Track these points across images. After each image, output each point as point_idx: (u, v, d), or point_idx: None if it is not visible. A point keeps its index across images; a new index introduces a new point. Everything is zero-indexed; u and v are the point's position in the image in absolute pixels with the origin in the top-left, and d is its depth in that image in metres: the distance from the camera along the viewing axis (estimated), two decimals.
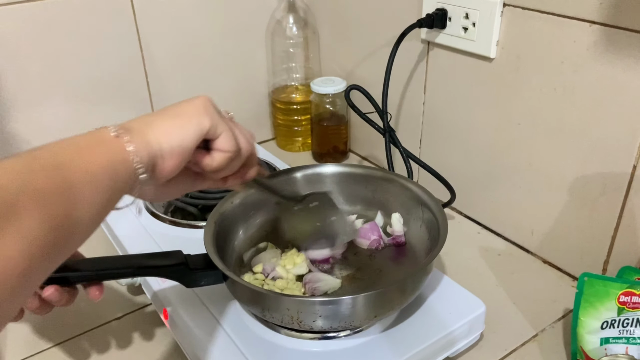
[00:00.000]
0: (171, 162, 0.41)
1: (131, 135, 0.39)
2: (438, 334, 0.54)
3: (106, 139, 0.38)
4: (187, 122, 0.42)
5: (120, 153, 0.38)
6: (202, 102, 0.43)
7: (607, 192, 0.63)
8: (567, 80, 0.63)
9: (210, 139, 0.44)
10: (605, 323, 0.54)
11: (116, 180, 0.37)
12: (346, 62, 0.97)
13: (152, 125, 0.41)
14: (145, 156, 0.39)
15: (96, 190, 0.35)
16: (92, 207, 0.35)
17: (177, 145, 0.41)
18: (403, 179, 0.65)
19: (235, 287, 0.53)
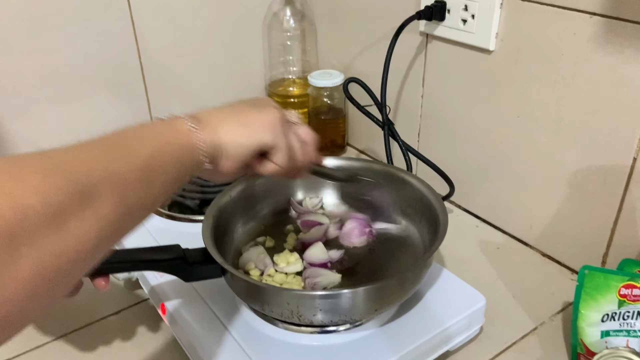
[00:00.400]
0: (229, 164, 0.45)
1: (203, 131, 0.42)
2: (438, 328, 0.54)
3: (181, 132, 0.41)
4: (251, 134, 0.45)
5: (191, 146, 0.41)
6: (270, 120, 0.47)
7: (607, 185, 0.63)
8: (566, 72, 0.63)
9: (267, 151, 0.47)
10: (605, 316, 0.53)
11: (183, 171, 0.40)
12: (344, 55, 0.96)
13: (222, 125, 0.44)
14: (211, 152, 0.43)
15: (166, 179, 0.38)
16: (158, 194, 0.38)
17: (238, 152, 0.45)
18: (402, 172, 0.64)
19: (234, 281, 0.52)
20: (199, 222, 0.69)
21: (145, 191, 0.35)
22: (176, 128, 0.41)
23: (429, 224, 0.60)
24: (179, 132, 0.41)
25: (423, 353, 0.54)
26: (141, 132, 0.39)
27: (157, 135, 0.39)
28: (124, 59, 0.88)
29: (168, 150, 0.39)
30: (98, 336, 0.62)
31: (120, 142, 0.36)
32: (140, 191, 0.35)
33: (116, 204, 0.32)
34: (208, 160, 0.43)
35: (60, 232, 0.27)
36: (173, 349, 0.60)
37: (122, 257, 0.50)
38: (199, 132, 0.42)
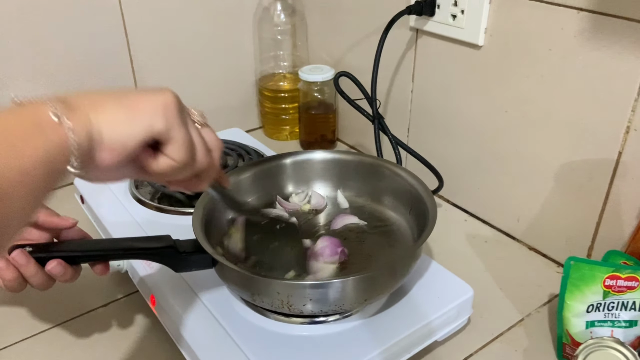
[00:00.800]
0: (109, 156, 0.36)
1: (73, 118, 0.33)
2: (426, 318, 0.55)
3: (44, 123, 0.32)
4: (137, 117, 0.36)
5: (58, 140, 0.33)
6: (163, 100, 0.38)
7: (593, 178, 0.64)
8: (554, 67, 0.64)
9: (160, 141, 0.38)
10: (590, 306, 0.54)
11: (51, 174, 0.33)
12: (334, 50, 0.97)
13: (98, 108, 0.35)
14: (84, 143, 0.34)
15: (29, 191, 0.31)
16: (23, 210, 0.31)
17: (118, 141, 0.36)
18: (392, 165, 0.65)
19: (224, 271, 0.52)
20: (188, 215, 0.69)
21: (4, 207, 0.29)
22: (38, 117, 0.32)
23: (418, 217, 0.61)
24: (42, 123, 0.32)
25: (411, 343, 0.54)
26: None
27: (14, 138, 0.31)
28: (114, 55, 0.87)
29: (30, 154, 0.31)
30: (86, 328, 0.62)
31: None
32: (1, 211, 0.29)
33: None
34: (80, 158, 0.34)
35: None
36: (162, 341, 0.59)
37: (113, 245, 0.50)
38: (65, 120, 0.33)
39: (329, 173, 0.68)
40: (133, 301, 0.66)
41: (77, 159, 0.34)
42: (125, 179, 0.43)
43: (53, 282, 0.50)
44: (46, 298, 0.65)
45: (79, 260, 0.49)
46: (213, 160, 0.43)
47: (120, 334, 0.61)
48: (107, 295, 0.67)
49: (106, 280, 0.69)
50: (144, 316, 0.64)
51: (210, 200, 0.60)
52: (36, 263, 0.47)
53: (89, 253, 0.50)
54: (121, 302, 0.66)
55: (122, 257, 0.51)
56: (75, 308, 0.65)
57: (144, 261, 0.61)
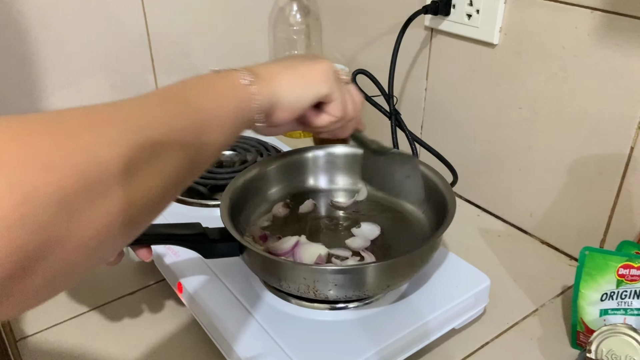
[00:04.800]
0: (285, 115, 0.45)
1: (259, 84, 0.42)
2: (444, 306, 0.57)
3: (237, 86, 0.41)
4: (308, 85, 0.46)
5: (247, 100, 0.41)
6: (325, 70, 0.47)
7: (605, 173, 0.66)
8: (567, 65, 0.66)
9: (323, 102, 0.48)
10: (604, 295, 0.56)
11: (238, 124, 0.41)
12: (348, 49, 0.99)
13: (278, 78, 0.44)
14: (266, 104, 0.43)
15: (222, 133, 0.39)
16: (215, 147, 0.38)
17: (294, 102, 0.45)
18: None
19: (251, 257, 0.54)
20: (211, 207, 0.71)
21: (202, 146, 0.36)
22: (232, 82, 0.41)
23: (436, 209, 0.62)
24: (236, 86, 0.41)
25: (430, 330, 0.56)
26: (198, 86, 0.39)
27: (214, 90, 0.40)
28: (135, 50, 0.90)
29: (225, 105, 0.39)
30: (116, 314, 0.64)
31: (179, 97, 0.37)
32: (199, 146, 0.36)
33: (178, 160, 0.33)
34: (263, 115, 0.43)
35: (130, 186, 0.29)
36: (190, 327, 0.61)
37: (149, 230, 0.52)
38: (255, 86, 0.42)
39: (348, 167, 0.70)
40: (160, 289, 0.68)
41: (262, 115, 0.43)
42: (285, 132, 0.52)
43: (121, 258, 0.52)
44: (76, 285, 0.67)
45: None
46: (357, 111, 0.53)
47: (149, 320, 0.63)
48: (134, 283, 0.69)
49: (133, 268, 0.71)
50: (170, 303, 0.66)
51: (235, 192, 0.62)
52: None
53: None
54: (149, 289, 0.68)
55: (157, 242, 0.53)
56: (104, 295, 0.67)
57: (172, 250, 0.63)
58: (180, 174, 0.34)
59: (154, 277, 0.69)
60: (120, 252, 0.52)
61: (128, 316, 0.64)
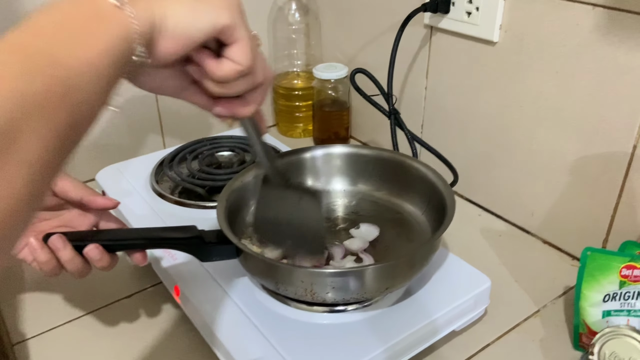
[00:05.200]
0: (170, 45, 0.35)
1: (135, 4, 0.32)
2: (444, 308, 0.56)
3: (106, 12, 0.31)
4: (203, 8, 0.35)
5: (121, 29, 0.31)
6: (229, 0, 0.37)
7: (608, 172, 0.65)
8: (569, 62, 0.65)
9: (224, 42, 0.37)
10: (607, 296, 0.55)
11: (116, 65, 0.31)
12: (348, 48, 0.98)
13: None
14: (147, 29, 0.33)
15: (98, 84, 0.30)
16: (93, 102, 0.30)
17: (182, 29, 0.35)
18: (410, 159, 0.66)
19: (248, 260, 0.54)
20: (209, 209, 0.70)
21: (74, 109, 0.28)
22: (98, 7, 0.31)
23: (436, 210, 0.62)
24: (104, 14, 0.31)
25: (430, 332, 0.55)
26: (53, 22, 0.29)
27: (77, 27, 0.30)
28: None
29: (94, 45, 0.30)
30: (112, 318, 0.64)
31: (30, 47, 0.27)
32: (70, 111, 0.28)
33: (44, 138, 0.26)
34: (144, 47, 0.33)
35: None
36: (187, 330, 0.61)
37: (143, 234, 0.51)
38: (128, 7, 0.32)
39: (347, 167, 0.69)
40: (157, 292, 0.67)
41: (142, 46, 0.33)
42: (173, 91, 0.41)
43: (89, 270, 0.52)
44: (73, 288, 0.67)
45: (114, 248, 0.51)
46: (267, 79, 0.42)
47: (146, 324, 0.63)
48: (131, 286, 0.68)
49: (130, 271, 0.70)
50: (168, 307, 0.65)
51: (232, 194, 0.61)
52: (73, 249, 0.49)
53: (123, 242, 0.51)
54: (145, 293, 0.67)
55: (151, 246, 0.53)
56: (101, 299, 0.66)
57: (168, 253, 0.63)
58: (55, 153, 0.27)
59: (151, 280, 0.68)
60: (114, 257, 0.52)
61: (124, 320, 0.63)
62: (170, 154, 0.81)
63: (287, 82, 1.03)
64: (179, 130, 0.98)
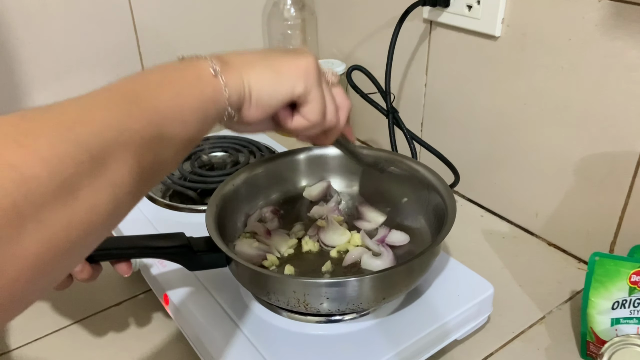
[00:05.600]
0: (254, 112, 0.40)
1: (228, 73, 0.37)
2: (445, 317, 0.53)
3: (204, 77, 0.36)
4: (283, 80, 0.40)
5: (214, 93, 0.37)
6: (305, 65, 0.41)
7: (615, 172, 0.62)
8: (574, 58, 0.62)
9: (298, 103, 0.42)
10: (616, 303, 0.53)
11: (205, 122, 0.36)
12: (345, 44, 0.95)
13: (250, 68, 0.39)
14: (235, 97, 0.38)
15: (185, 131, 0.34)
16: (177, 148, 0.34)
17: (264, 99, 0.40)
18: (409, 160, 0.63)
19: (239, 269, 0.51)
20: (200, 212, 0.68)
21: (163, 148, 0.32)
22: (198, 71, 0.36)
23: (436, 213, 0.59)
24: (202, 77, 0.36)
25: (430, 342, 0.53)
26: (157, 79, 0.35)
27: (176, 82, 0.35)
28: (123, 48, 0.86)
29: (189, 100, 0.35)
30: (100, 327, 0.61)
31: (134, 92, 0.32)
32: (158, 148, 0.32)
33: (131, 167, 0.29)
34: (233, 110, 0.38)
35: (70, 204, 0.25)
36: (177, 340, 0.59)
37: (127, 243, 0.49)
38: (223, 76, 0.37)
39: (344, 169, 0.67)
40: (146, 300, 0.65)
41: (230, 109, 0.38)
42: (259, 132, 0.47)
43: (70, 281, 0.49)
44: (60, 297, 0.65)
45: (96, 258, 0.48)
46: (340, 118, 0.47)
47: (134, 333, 0.61)
48: (120, 294, 0.66)
49: (119, 279, 0.68)
50: (157, 315, 0.63)
51: (223, 199, 0.59)
52: None
53: (105, 252, 0.48)
54: (134, 301, 0.65)
55: (135, 255, 0.50)
56: (89, 307, 0.64)
57: (158, 260, 0.60)
58: (136, 183, 0.30)
59: (142, 287, 0.66)
60: (97, 267, 0.49)
61: (113, 329, 0.61)
62: None
63: None
64: None
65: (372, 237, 0.60)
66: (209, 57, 0.38)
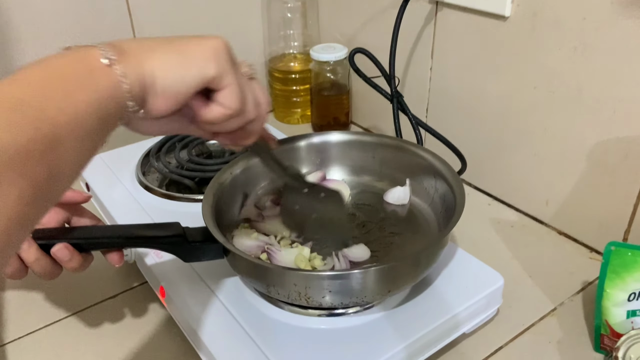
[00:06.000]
0: (162, 103, 0.36)
1: (125, 63, 0.33)
2: (453, 310, 0.51)
3: (96, 68, 0.32)
4: (190, 63, 0.36)
5: (111, 86, 0.32)
6: (214, 46, 0.37)
7: (630, 158, 0.59)
8: (588, 38, 0.59)
9: (212, 89, 0.38)
10: (632, 295, 0.50)
11: (105, 120, 0.32)
12: (347, 27, 0.92)
13: (150, 54, 0.35)
14: (137, 89, 0.34)
15: (83, 137, 0.30)
16: (76, 158, 0.30)
17: (171, 86, 0.35)
18: (415, 147, 0.61)
19: (237, 261, 0.49)
20: (198, 202, 0.65)
21: (56, 162, 0.29)
22: (89, 63, 0.32)
23: (443, 201, 0.57)
24: (94, 69, 0.32)
25: (438, 336, 0.51)
26: (42, 75, 0.30)
27: (65, 78, 0.30)
28: (117, 32, 0.84)
29: (82, 97, 0.30)
30: (95, 320, 0.59)
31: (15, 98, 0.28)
32: (52, 163, 0.28)
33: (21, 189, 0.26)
34: (134, 103, 0.34)
35: None
36: (173, 334, 0.56)
37: (118, 232, 0.47)
38: (116, 65, 0.32)
39: (347, 156, 0.64)
40: (142, 292, 0.62)
41: (133, 103, 0.34)
42: (172, 132, 0.42)
43: (59, 271, 0.47)
44: (53, 289, 0.63)
45: (86, 247, 0.46)
46: (261, 112, 0.43)
47: (130, 325, 0.59)
48: (115, 286, 0.64)
49: (115, 271, 0.66)
50: (154, 308, 0.61)
51: (220, 187, 0.56)
52: (39, 248, 0.44)
53: (96, 240, 0.46)
54: (130, 293, 0.63)
55: (128, 245, 0.48)
56: (84, 299, 0.62)
57: (153, 251, 0.58)
58: (28, 207, 0.27)
59: (138, 279, 0.64)
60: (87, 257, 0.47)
61: (108, 322, 0.59)
62: (157, 144, 0.76)
63: (283, 65, 0.98)
64: None
65: None
66: (100, 46, 0.33)
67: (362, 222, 0.60)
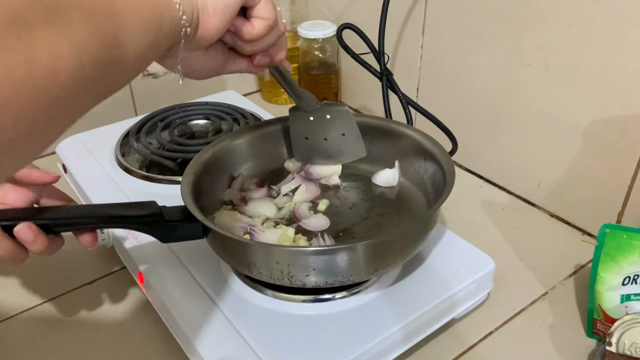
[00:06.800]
0: (215, 20, 0.39)
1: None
2: (443, 294, 0.49)
3: None
4: None
5: (166, 8, 0.35)
6: None
7: (626, 137, 0.58)
8: (585, 11, 0.57)
9: (250, 6, 0.43)
10: (627, 279, 0.49)
11: (160, 24, 0.35)
12: (336, 3, 0.89)
13: None
14: (188, 8, 0.37)
15: (141, 26, 0.33)
16: (138, 41, 0.33)
17: (221, 3, 0.39)
18: (404, 127, 0.58)
19: (217, 240, 0.46)
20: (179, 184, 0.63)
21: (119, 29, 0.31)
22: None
23: (433, 181, 0.55)
24: None
25: (426, 321, 0.49)
26: None
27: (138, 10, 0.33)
28: None
29: (139, 6, 0.33)
30: (71, 307, 0.57)
31: None
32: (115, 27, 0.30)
33: (90, 31, 0.28)
34: (187, 21, 0.37)
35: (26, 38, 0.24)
36: (153, 321, 0.54)
37: (90, 212, 0.44)
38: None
39: None
40: (121, 278, 0.60)
41: (186, 21, 0.37)
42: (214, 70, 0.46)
43: (24, 255, 0.43)
44: (29, 274, 0.60)
45: (54, 227, 0.43)
46: (284, 42, 0.48)
47: (108, 312, 0.56)
48: (93, 271, 0.61)
49: (92, 256, 0.63)
50: (133, 293, 0.58)
51: (201, 166, 0.54)
52: (1, 230, 0.41)
53: (64, 220, 0.43)
54: (108, 278, 0.61)
55: (100, 225, 0.45)
56: (60, 286, 0.60)
57: (132, 234, 0.56)
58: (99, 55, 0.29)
59: (116, 264, 0.62)
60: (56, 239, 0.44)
61: (85, 308, 0.57)
62: (138, 124, 0.73)
63: None
64: (152, 96, 0.89)
65: None
66: None
67: (351, 204, 0.58)
